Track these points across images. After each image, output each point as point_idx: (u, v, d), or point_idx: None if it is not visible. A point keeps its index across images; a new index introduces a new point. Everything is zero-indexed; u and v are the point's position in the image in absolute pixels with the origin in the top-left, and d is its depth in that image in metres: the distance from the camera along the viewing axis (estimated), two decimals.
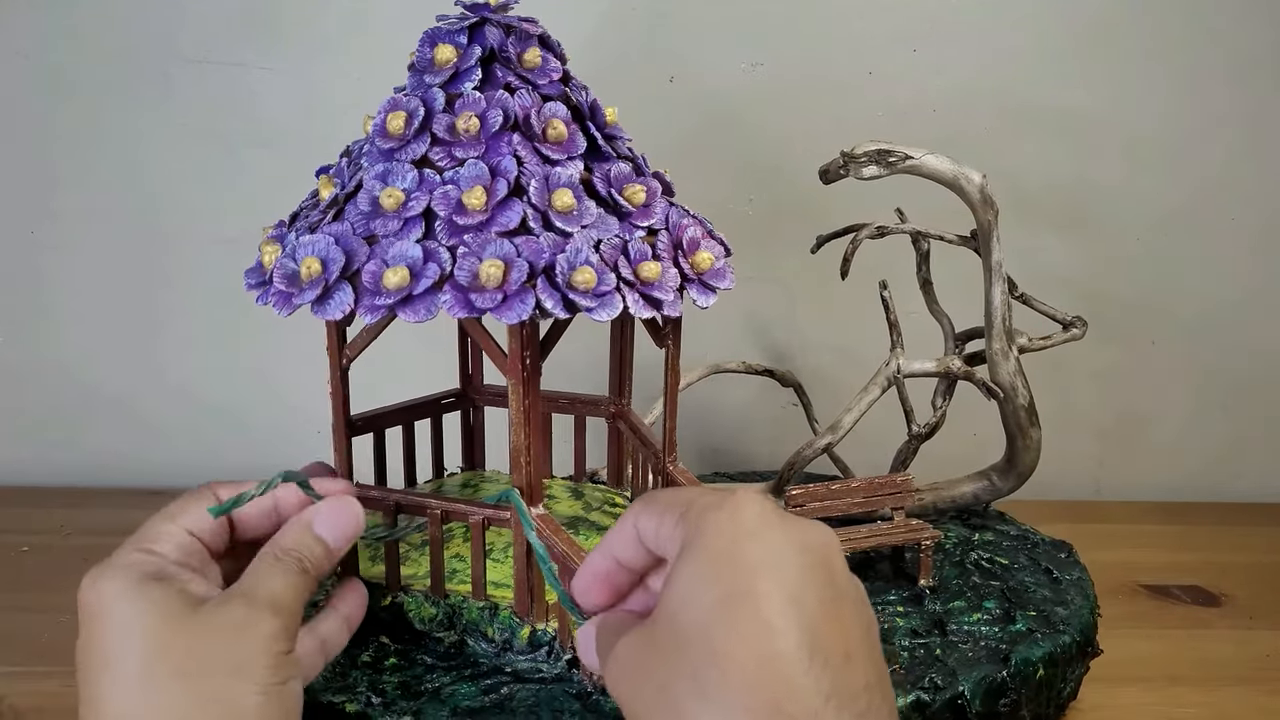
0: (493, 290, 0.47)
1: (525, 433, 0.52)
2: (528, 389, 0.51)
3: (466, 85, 0.52)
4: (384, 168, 0.51)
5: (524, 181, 0.50)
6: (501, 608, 0.55)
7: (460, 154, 0.51)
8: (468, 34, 0.53)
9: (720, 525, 0.37)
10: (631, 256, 0.51)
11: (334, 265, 0.48)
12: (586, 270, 0.48)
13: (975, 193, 0.67)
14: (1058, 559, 0.70)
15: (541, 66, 0.54)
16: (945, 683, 0.55)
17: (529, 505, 0.53)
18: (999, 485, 0.73)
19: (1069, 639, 0.60)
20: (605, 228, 0.52)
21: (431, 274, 0.48)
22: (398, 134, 0.51)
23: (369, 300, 0.48)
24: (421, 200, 0.50)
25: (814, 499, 0.66)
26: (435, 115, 0.52)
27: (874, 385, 0.71)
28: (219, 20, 0.88)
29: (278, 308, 0.49)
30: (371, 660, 0.55)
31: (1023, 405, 0.70)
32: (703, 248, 0.54)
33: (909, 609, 0.63)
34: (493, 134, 0.51)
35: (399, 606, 0.56)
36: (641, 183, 0.54)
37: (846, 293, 0.72)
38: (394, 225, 0.50)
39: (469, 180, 0.50)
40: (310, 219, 0.53)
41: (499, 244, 0.48)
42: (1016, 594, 0.65)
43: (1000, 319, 0.69)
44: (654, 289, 0.51)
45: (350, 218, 0.50)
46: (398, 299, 0.47)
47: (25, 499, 0.93)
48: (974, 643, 0.59)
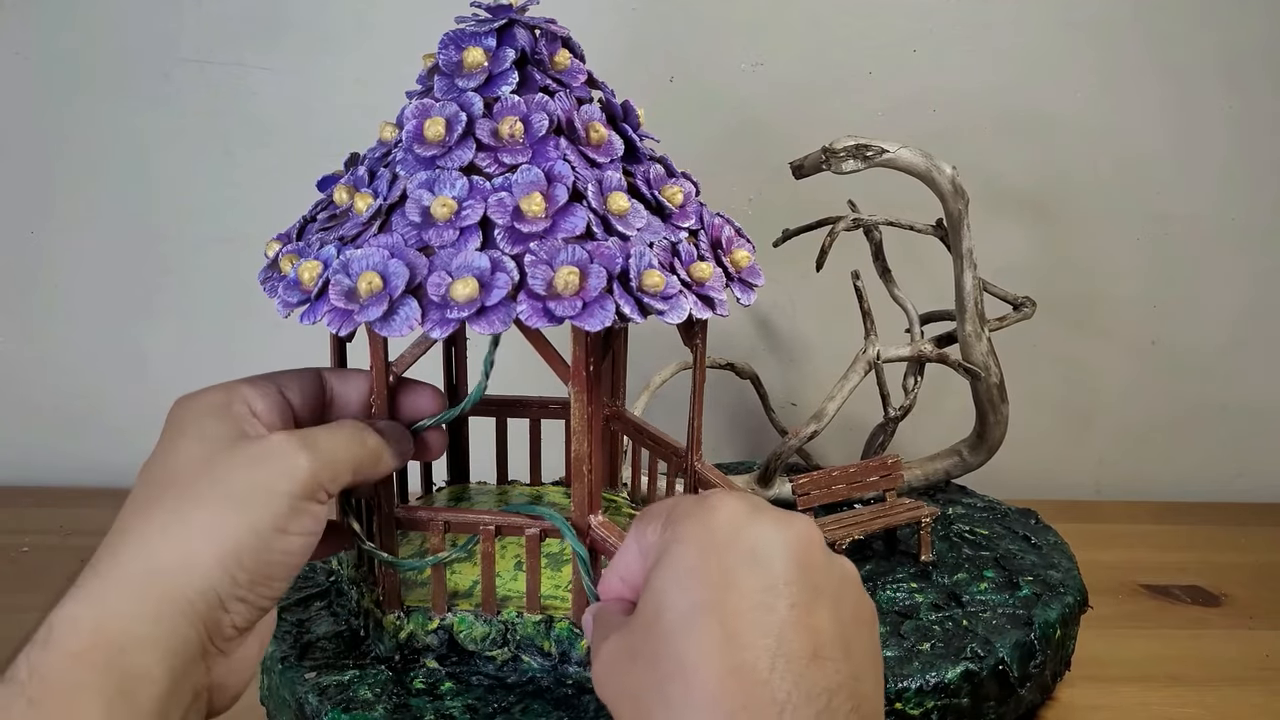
0: (571, 298, 0.46)
1: (588, 441, 0.51)
2: (591, 397, 0.50)
3: (503, 89, 0.51)
4: (428, 175, 0.49)
5: (580, 186, 0.49)
6: (557, 620, 0.54)
7: (508, 159, 0.50)
8: (496, 36, 0.52)
9: (693, 533, 0.38)
10: (683, 257, 0.51)
11: (397, 279, 0.46)
12: (655, 273, 0.48)
13: (946, 184, 0.70)
14: (1029, 525, 0.75)
15: (570, 68, 0.53)
16: (985, 651, 0.58)
17: (589, 513, 0.52)
18: (969, 460, 0.77)
19: (1071, 599, 0.64)
20: (653, 230, 0.51)
21: (503, 284, 0.46)
22: (438, 140, 0.50)
23: (437, 314, 0.46)
24: (476, 208, 0.48)
25: (817, 486, 0.68)
26: (477, 120, 0.50)
27: (853, 372, 0.74)
28: (219, 20, 0.87)
29: (333, 326, 0.47)
30: (426, 687, 0.53)
31: (995, 383, 0.74)
32: (738, 246, 0.55)
33: (921, 585, 0.65)
34: (538, 138, 0.50)
35: (448, 628, 0.54)
36: (677, 183, 0.54)
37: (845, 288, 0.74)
38: (450, 235, 0.48)
39: (525, 186, 0.49)
40: (342, 231, 0.50)
41: (570, 250, 0.47)
42: (1009, 561, 0.68)
43: (973, 303, 0.73)
44: (707, 289, 0.51)
45: (399, 229, 0.48)
46: (470, 311, 0.46)
47: (25, 499, 0.92)
48: (993, 611, 0.62)
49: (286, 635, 0.57)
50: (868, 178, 0.71)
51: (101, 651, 0.38)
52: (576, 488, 0.52)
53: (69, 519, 0.88)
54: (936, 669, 0.56)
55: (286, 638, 0.57)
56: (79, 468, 0.96)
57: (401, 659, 0.54)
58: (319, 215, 0.54)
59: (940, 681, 0.56)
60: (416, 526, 0.53)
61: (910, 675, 0.55)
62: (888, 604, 0.63)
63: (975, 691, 0.57)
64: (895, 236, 0.77)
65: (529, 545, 0.53)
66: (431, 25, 0.84)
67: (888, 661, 0.56)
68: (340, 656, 0.55)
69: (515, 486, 0.71)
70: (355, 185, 0.52)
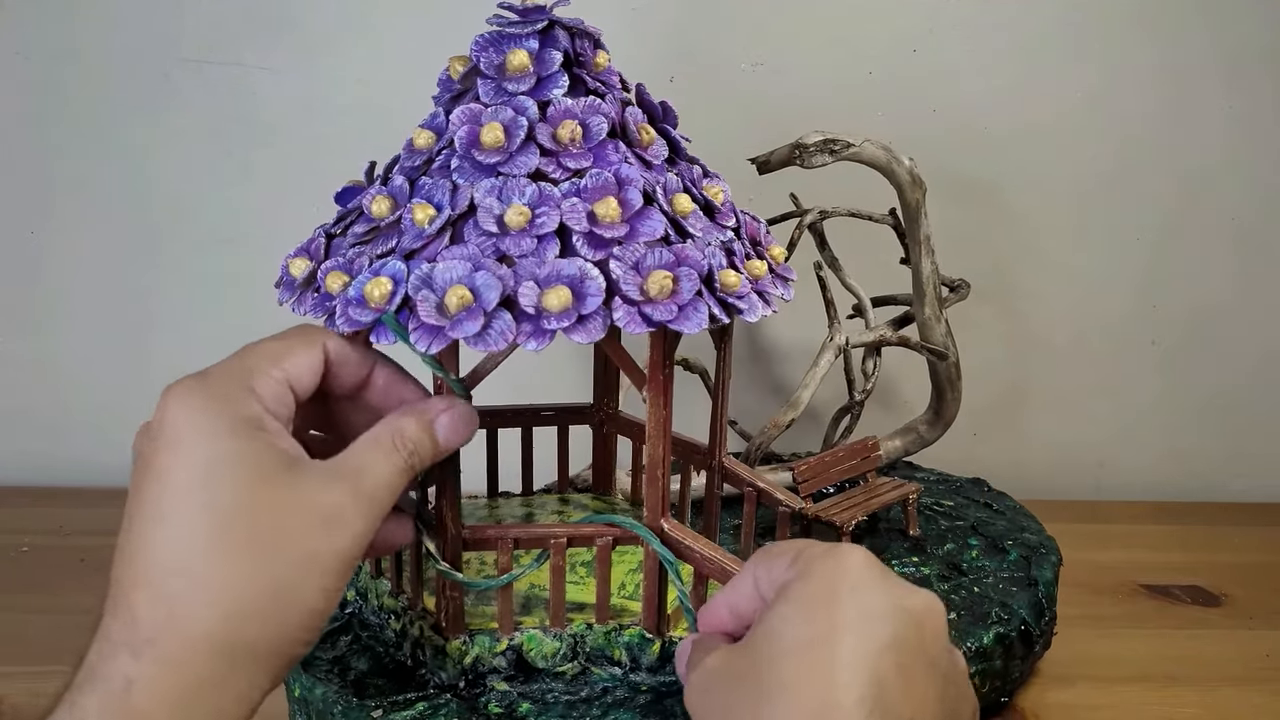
0: (666, 302, 0.46)
1: (662, 446, 0.51)
2: (665, 401, 0.50)
3: (555, 92, 0.50)
4: (494, 183, 0.47)
5: (649, 189, 0.49)
6: (626, 628, 0.53)
7: (571, 164, 0.49)
8: (538, 38, 0.51)
9: (825, 571, 0.39)
10: (738, 255, 0.52)
11: (489, 291, 0.44)
12: (730, 273, 0.49)
13: (905, 175, 0.74)
14: (984, 492, 0.80)
15: (608, 69, 0.53)
16: (1007, 614, 0.61)
17: (660, 517, 0.52)
18: (926, 437, 0.81)
19: (1054, 557, 0.69)
20: (709, 230, 0.52)
21: (595, 291, 0.45)
22: (497, 146, 0.48)
23: (532, 325, 0.45)
24: (552, 215, 0.47)
25: (814, 473, 0.70)
26: (536, 125, 0.49)
27: (823, 360, 0.76)
28: (219, 20, 0.86)
29: (422, 343, 0.44)
30: (503, 711, 0.51)
31: (953, 363, 0.78)
32: (771, 242, 0.56)
33: (922, 558, 0.68)
34: (598, 142, 0.49)
35: (517, 648, 0.53)
36: (716, 183, 0.54)
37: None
38: (529, 244, 0.46)
39: (596, 191, 0.48)
40: (396, 244, 0.48)
41: (657, 254, 0.47)
42: (985, 528, 0.73)
43: (931, 288, 0.76)
44: (763, 285, 0.52)
45: (473, 240, 0.46)
46: (568, 321, 0.45)
47: (25, 499, 0.93)
48: (994, 575, 0.66)
49: (330, 677, 0.54)
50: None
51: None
52: (650, 492, 0.52)
53: (69, 519, 0.88)
54: (973, 635, 0.59)
55: (331, 680, 0.53)
56: (79, 468, 0.96)
57: (466, 684, 0.52)
58: (349, 229, 0.51)
59: (979, 647, 0.59)
60: (485, 546, 0.51)
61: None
62: None
63: (1006, 652, 0.60)
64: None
65: (600, 555, 0.52)
66: (432, 26, 0.82)
67: None
68: (399, 690, 0.52)
69: (510, 498, 0.69)
70: (395, 196, 0.50)
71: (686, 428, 0.91)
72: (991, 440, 0.83)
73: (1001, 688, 0.61)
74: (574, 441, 0.69)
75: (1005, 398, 0.98)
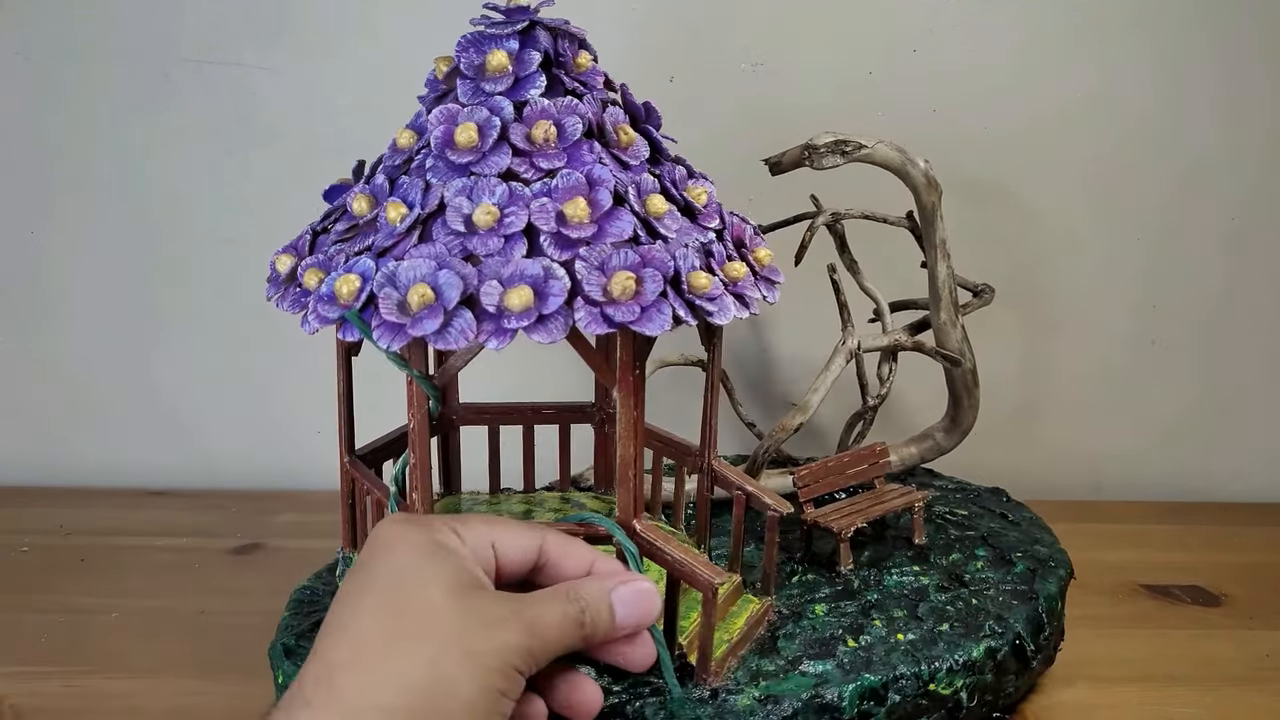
0: (628, 303, 0.46)
1: (634, 446, 0.51)
2: (637, 401, 0.50)
3: (532, 92, 0.50)
4: (465, 182, 0.48)
5: (621, 189, 0.49)
6: None
7: (544, 164, 0.49)
8: (518, 38, 0.51)
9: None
10: (716, 258, 0.51)
11: (450, 290, 0.45)
12: (701, 275, 0.48)
13: (920, 177, 0.72)
14: (1002, 503, 0.78)
15: (591, 70, 0.53)
16: (1002, 628, 0.60)
17: (634, 517, 0.52)
18: (943, 444, 0.80)
19: (1063, 571, 0.67)
20: (686, 231, 0.51)
21: (558, 291, 0.45)
22: (470, 146, 0.49)
23: (493, 324, 0.45)
24: (520, 215, 0.47)
25: (816, 478, 0.69)
26: (510, 125, 0.49)
27: (834, 364, 0.75)
28: (219, 20, 0.87)
29: (384, 340, 0.45)
30: None
31: (969, 369, 0.76)
32: (758, 244, 0.55)
33: (924, 567, 0.67)
34: (572, 142, 0.50)
35: None
36: (700, 184, 0.54)
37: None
38: (495, 243, 0.47)
39: (566, 191, 0.48)
40: (371, 242, 0.48)
41: (623, 255, 0.47)
42: (995, 539, 0.71)
43: (947, 292, 0.75)
44: (740, 288, 0.52)
45: (441, 239, 0.47)
46: (528, 321, 0.45)
47: (25, 499, 0.93)
48: (996, 588, 0.64)
49: None
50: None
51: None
52: (622, 492, 0.52)
53: (69, 519, 0.88)
54: (961, 648, 0.58)
55: None
56: (79, 468, 0.97)
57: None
58: (333, 226, 0.52)
59: (967, 660, 0.57)
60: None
61: (938, 656, 0.57)
62: (897, 588, 0.64)
63: (998, 667, 0.59)
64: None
65: None
66: (432, 25, 0.82)
67: (912, 645, 0.57)
68: None
69: (510, 495, 0.70)
70: (375, 194, 0.51)
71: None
72: (992, 441, 0.81)
73: (994, 702, 0.60)
74: (578, 441, 0.70)
75: (1005, 398, 0.96)
